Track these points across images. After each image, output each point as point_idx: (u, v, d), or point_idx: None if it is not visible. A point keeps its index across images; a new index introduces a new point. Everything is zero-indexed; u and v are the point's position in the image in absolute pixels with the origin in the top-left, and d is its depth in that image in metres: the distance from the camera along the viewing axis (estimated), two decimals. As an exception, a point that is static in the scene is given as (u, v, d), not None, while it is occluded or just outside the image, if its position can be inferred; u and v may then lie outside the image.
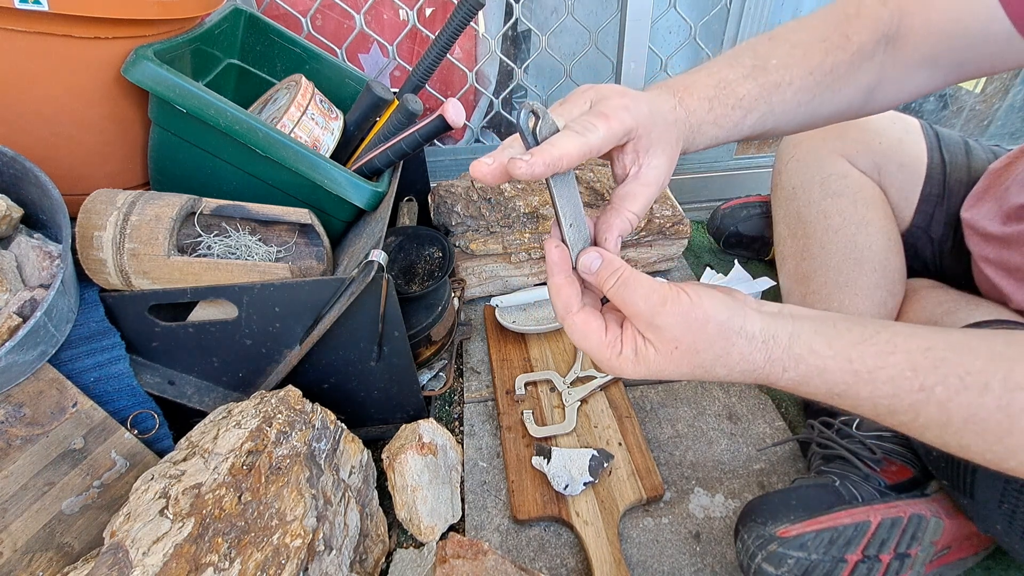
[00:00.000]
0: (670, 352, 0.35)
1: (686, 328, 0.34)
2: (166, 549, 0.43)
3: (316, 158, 0.64)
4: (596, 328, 0.37)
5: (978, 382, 0.33)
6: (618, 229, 0.39)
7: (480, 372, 0.85)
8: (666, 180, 0.40)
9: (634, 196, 0.39)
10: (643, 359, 0.36)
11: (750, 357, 0.35)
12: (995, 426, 0.33)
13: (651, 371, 0.36)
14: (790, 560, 0.51)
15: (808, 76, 0.45)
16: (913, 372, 0.34)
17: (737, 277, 0.97)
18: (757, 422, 0.75)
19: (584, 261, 0.37)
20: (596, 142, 0.34)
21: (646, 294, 0.35)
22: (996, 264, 0.63)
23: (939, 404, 0.33)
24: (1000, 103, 1.24)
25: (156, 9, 0.60)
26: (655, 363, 0.36)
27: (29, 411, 0.52)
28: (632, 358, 0.36)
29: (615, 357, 0.37)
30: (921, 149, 0.74)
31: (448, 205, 0.94)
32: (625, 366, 0.36)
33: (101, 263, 0.57)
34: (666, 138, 0.39)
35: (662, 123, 0.39)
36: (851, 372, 0.35)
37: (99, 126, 0.63)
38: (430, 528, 0.62)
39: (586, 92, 0.39)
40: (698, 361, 0.35)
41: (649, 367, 0.36)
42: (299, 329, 0.61)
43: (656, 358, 0.36)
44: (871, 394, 0.35)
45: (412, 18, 1.00)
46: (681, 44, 1.11)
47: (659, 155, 0.39)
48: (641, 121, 0.37)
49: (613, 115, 0.35)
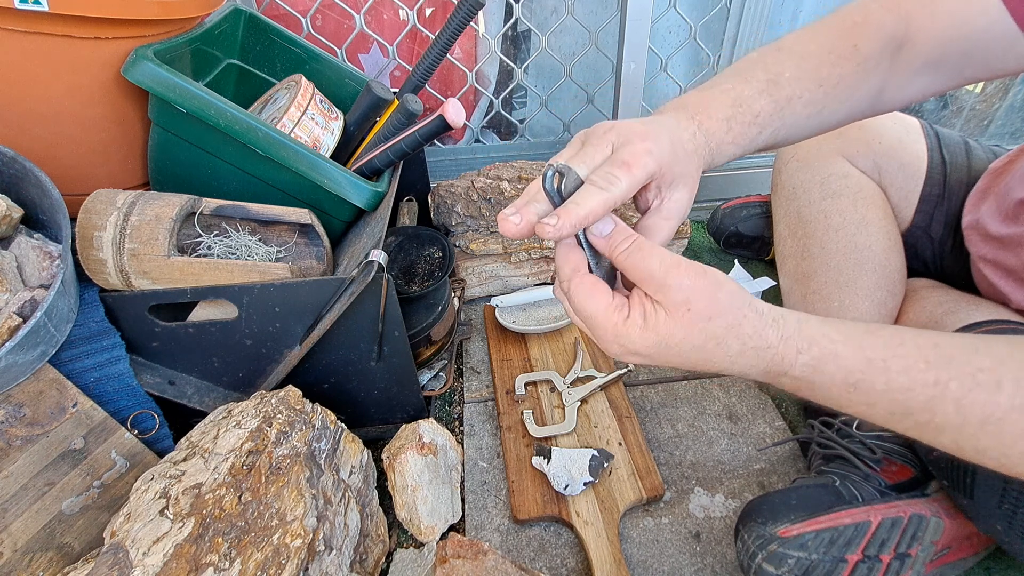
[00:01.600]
0: (682, 315, 0.34)
1: (699, 289, 0.33)
2: (166, 549, 0.43)
3: (316, 158, 0.64)
4: (603, 291, 0.36)
5: (990, 380, 0.32)
6: None
7: (480, 372, 0.85)
8: (687, 210, 0.41)
9: (657, 229, 0.40)
10: (652, 325, 0.34)
11: (763, 332, 0.34)
12: (1011, 426, 0.32)
13: (660, 339, 0.34)
14: (790, 560, 0.51)
15: (817, 88, 0.45)
16: (926, 364, 0.33)
17: (737, 277, 0.97)
18: (757, 422, 0.75)
19: (597, 226, 0.36)
20: (619, 195, 0.35)
21: (661, 256, 0.34)
22: (994, 264, 0.63)
23: (955, 401, 0.33)
24: (1000, 103, 1.24)
25: (156, 9, 0.60)
26: (665, 328, 0.34)
27: (29, 411, 0.52)
28: (640, 323, 0.34)
29: (622, 322, 0.35)
30: (921, 149, 0.74)
31: (448, 205, 0.94)
32: (632, 333, 0.34)
33: (101, 263, 0.57)
34: (688, 171, 0.40)
35: (683, 156, 0.39)
36: (864, 359, 0.34)
37: (99, 126, 0.63)
38: (430, 528, 0.62)
39: (607, 134, 0.38)
40: (710, 330, 0.34)
41: (659, 333, 0.34)
42: (299, 329, 0.61)
43: (667, 322, 0.34)
44: (887, 385, 0.34)
45: (412, 18, 1.00)
46: (681, 44, 1.11)
47: (681, 188, 0.40)
48: (663, 161, 0.37)
49: (635, 162, 0.35)
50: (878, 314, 0.68)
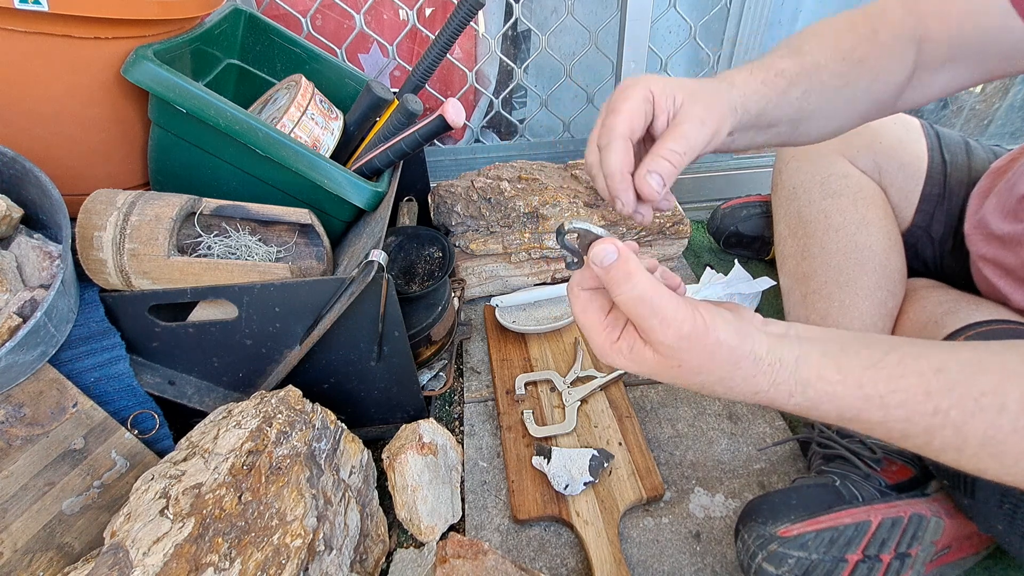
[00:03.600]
0: (670, 368, 0.34)
1: (696, 353, 0.33)
2: (166, 549, 0.43)
3: (316, 158, 0.64)
4: (598, 308, 0.36)
5: (994, 403, 0.32)
6: (656, 168, 0.38)
7: (480, 372, 0.85)
8: (707, 119, 0.40)
9: (667, 134, 0.39)
10: (639, 359, 0.35)
11: (753, 380, 0.34)
12: (1012, 448, 0.32)
13: (645, 370, 0.35)
14: (791, 560, 0.51)
15: (842, 61, 0.47)
16: (926, 396, 0.33)
17: (737, 277, 0.97)
18: (757, 422, 0.75)
19: (597, 251, 0.34)
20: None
21: (657, 304, 0.32)
22: (994, 264, 0.63)
23: (955, 427, 0.32)
24: (1000, 103, 1.24)
25: (156, 9, 0.60)
26: (649, 367, 0.34)
27: (29, 411, 0.52)
28: (627, 353, 0.35)
29: (609, 344, 0.35)
30: (922, 149, 0.73)
31: (448, 205, 0.94)
32: (617, 358, 0.35)
33: (101, 263, 0.57)
34: (704, 98, 0.41)
35: (700, 90, 0.41)
36: (862, 397, 0.33)
37: (99, 126, 0.63)
38: (430, 528, 0.62)
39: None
40: (699, 380, 0.34)
41: (642, 368, 0.35)
42: (299, 329, 0.61)
43: (653, 363, 0.34)
44: (884, 418, 0.34)
45: (412, 18, 1.00)
46: (681, 44, 1.11)
47: (696, 105, 0.40)
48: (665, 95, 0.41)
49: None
50: (878, 314, 0.68)
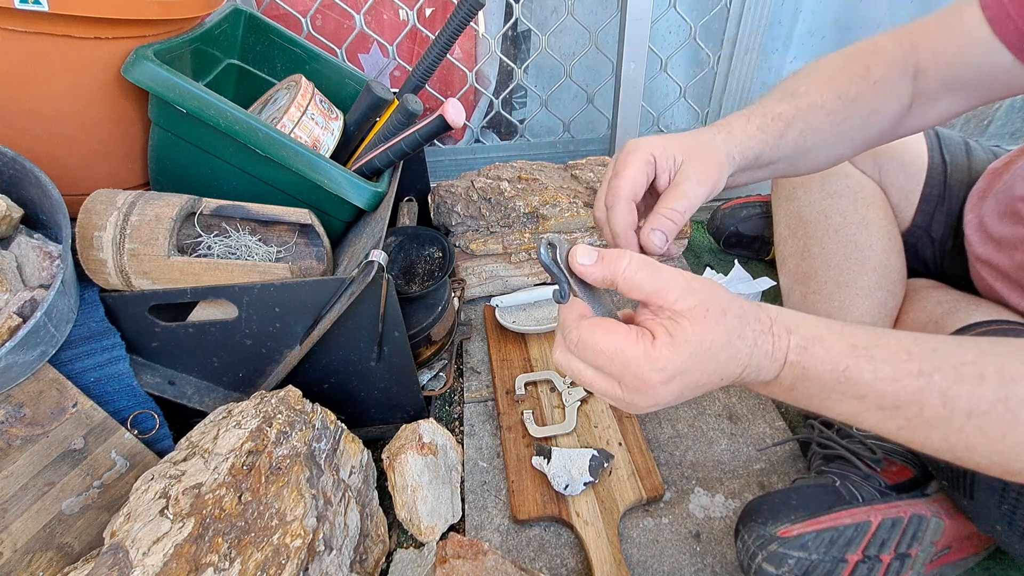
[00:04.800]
0: (704, 317, 0.34)
1: (707, 290, 0.35)
2: (166, 549, 0.43)
3: (316, 158, 0.64)
4: (618, 324, 0.35)
5: (973, 372, 0.33)
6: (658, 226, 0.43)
7: (480, 372, 0.85)
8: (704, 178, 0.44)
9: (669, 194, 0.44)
10: (682, 337, 0.34)
11: (759, 315, 0.36)
12: (997, 420, 0.32)
13: (694, 347, 0.34)
14: (791, 560, 0.51)
15: (837, 100, 0.49)
16: (908, 355, 0.34)
17: (737, 277, 0.97)
18: (757, 422, 0.75)
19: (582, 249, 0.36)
20: None
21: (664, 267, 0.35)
22: (989, 266, 0.63)
23: (941, 393, 0.33)
24: (1000, 103, 1.24)
25: (156, 9, 0.60)
26: (695, 335, 0.34)
27: (29, 411, 0.52)
28: (669, 340, 0.34)
29: (651, 346, 0.34)
30: (922, 149, 0.74)
31: (448, 205, 0.94)
32: (666, 352, 0.33)
33: (101, 263, 0.57)
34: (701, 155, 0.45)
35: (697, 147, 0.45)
36: (849, 346, 0.35)
37: (99, 126, 0.63)
38: (430, 528, 0.62)
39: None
40: (729, 324, 0.35)
41: (691, 342, 0.34)
42: (299, 329, 0.61)
43: (694, 329, 0.34)
44: (874, 375, 0.34)
45: (412, 18, 1.00)
46: (681, 44, 1.11)
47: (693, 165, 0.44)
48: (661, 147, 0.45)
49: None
50: (878, 314, 0.68)
